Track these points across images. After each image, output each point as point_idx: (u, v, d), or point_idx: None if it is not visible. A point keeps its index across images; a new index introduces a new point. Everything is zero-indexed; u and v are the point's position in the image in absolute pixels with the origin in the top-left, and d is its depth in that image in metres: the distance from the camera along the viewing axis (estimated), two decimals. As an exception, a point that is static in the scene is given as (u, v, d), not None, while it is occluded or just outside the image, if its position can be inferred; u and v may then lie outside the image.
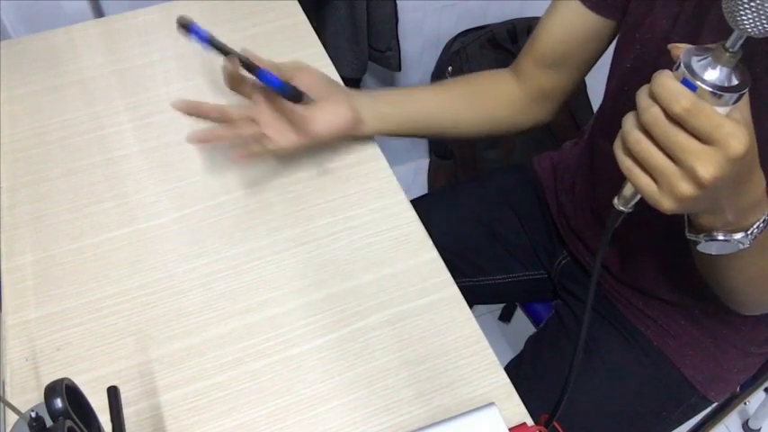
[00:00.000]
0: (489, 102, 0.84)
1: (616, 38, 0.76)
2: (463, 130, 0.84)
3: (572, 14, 0.76)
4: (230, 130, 0.73)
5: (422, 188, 1.82)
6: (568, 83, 0.83)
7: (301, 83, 0.73)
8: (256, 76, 0.72)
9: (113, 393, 0.57)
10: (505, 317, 1.54)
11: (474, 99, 0.84)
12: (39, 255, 0.73)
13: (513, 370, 0.76)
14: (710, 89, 0.43)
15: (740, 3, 0.40)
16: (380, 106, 0.79)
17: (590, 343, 0.84)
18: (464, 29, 1.54)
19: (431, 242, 0.75)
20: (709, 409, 0.89)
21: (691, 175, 0.44)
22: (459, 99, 0.83)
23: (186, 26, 0.74)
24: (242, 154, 0.72)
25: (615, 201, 0.51)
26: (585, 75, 0.83)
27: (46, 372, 0.65)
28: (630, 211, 0.51)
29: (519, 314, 1.31)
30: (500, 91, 0.84)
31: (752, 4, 0.40)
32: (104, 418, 0.54)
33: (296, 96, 0.72)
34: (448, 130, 0.83)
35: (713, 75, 0.44)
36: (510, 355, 0.90)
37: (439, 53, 1.58)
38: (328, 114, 0.74)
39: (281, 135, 0.74)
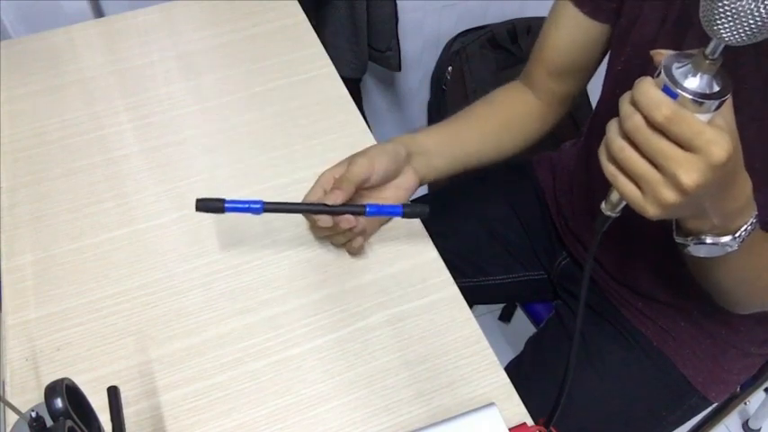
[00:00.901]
0: (522, 126, 0.86)
1: None
2: (502, 156, 0.85)
3: (572, 24, 0.76)
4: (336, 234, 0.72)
5: (422, 188, 1.82)
6: (579, 86, 0.85)
7: (373, 173, 0.70)
8: (365, 215, 0.67)
9: (113, 393, 0.57)
10: (505, 317, 1.54)
11: (510, 128, 0.85)
12: (39, 255, 0.73)
13: (513, 370, 0.76)
14: (691, 97, 0.43)
15: (717, 12, 0.40)
16: (433, 161, 0.79)
17: (590, 344, 0.84)
18: (464, 29, 1.54)
19: (431, 242, 0.75)
20: (709, 410, 0.89)
21: (674, 182, 0.44)
22: (497, 132, 0.84)
23: (219, 208, 0.65)
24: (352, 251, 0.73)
25: (603, 205, 0.51)
26: (593, 76, 0.84)
27: (46, 372, 0.65)
28: (618, 215, 0.51)
29: (519, 314, 1.31)
30: (525, 110, 0.86)
31: (728, 13, 0.39)
32: (104, 418, 0.54)
33: (420, 214, 0.69)
34: (486, 161, 0.84)
35: (694, 82, 0.43)
36: (510, 355, 0.90)
37: (439, 53, 1.58)
38: (396, 190, 0.74)
39: (370, 225, 0.73)
